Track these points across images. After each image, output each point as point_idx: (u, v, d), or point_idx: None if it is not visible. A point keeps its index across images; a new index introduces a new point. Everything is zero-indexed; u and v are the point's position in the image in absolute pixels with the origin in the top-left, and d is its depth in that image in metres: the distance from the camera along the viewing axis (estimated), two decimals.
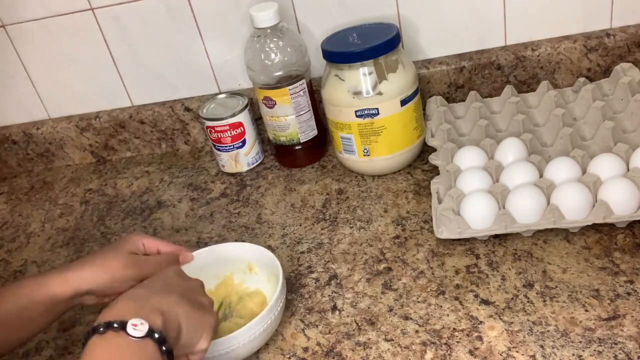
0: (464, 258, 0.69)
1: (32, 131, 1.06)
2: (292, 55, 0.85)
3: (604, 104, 0.79)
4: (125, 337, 0.47)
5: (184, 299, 0.54)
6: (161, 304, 0.52)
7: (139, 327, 0.48)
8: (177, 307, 0.53)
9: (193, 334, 0.54)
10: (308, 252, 0.76)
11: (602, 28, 0.90)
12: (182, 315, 0.53)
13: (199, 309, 0.56)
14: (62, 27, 0.97)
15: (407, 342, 0.61)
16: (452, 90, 0.94)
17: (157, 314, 0.50)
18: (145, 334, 0.47)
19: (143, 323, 0.48)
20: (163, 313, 0.51)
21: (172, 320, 0.51)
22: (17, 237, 0.94)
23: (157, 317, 0.50)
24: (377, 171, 0.86)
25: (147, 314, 0.49)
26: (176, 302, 0.53)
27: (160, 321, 0.50)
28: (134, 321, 0.48)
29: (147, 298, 0.53)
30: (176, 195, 0.94)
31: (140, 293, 0.54)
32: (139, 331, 0.47)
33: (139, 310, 0.50)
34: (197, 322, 0.54)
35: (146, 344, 0.48)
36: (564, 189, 0.68)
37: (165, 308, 0.52)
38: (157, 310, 0.51)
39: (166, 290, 0.55)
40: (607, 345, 0.56)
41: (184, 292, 0.56)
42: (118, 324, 0.48)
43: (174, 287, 0.57)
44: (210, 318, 0.56)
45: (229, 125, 0.91)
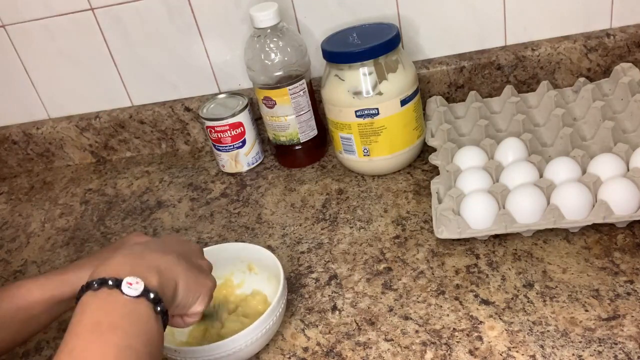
0: (464, 258, 0.69)
1: (32, 131, 1.06)
2: (292, 55, 0.85)
3: (604, 104, 0.79)
4: (120, 295, 0.46)
5: (182, 260, 0.53)
6: (159, 262, 0.51)
7: (134, 285, 0.46)
8: (175, 267, 0.52)
9: (190, 295, 0.53)
10: (308, 252, 0.76)
11: (602, 28, 0.90)
12: (180, 275, 0.52)
13: (198, 270, 0.55)
14: (62, 27, 0.97)
15: (407, 342, 0.61)
16: (452, 90, 0.94)
17: (153, 273, 0.49)
18: (140, 294, 0.46)
19: (138, 282, 0.47)
20: (160, 271, 0.49)
21: (168, 279, 0.50)
22: (17, 237, 0.94)
23: (153, 275, 0.48)
24: (377, 171, 0.86)
25: (144, 272, 0.48)
26: (174, 261, 0.52)
27: (157, 280, 0.48)
28: (129, 279, 0.46)
29: (144, 255, 0.51)
30: (176, 195, 0.94)
31: (137, 250, 0.52)
32: (134, 290, 0.46)
33: (135, 268, 0.48)
34: (194, 283, 0.53)
35: (140, 303, 0.46)
36: (564, 189, 0.68)
37: (162, 266, 0.50)
38: (154, 269, 0.49)
39: (165, 250, 0.54)
40: (607, 345, 0.56)
41: (182, 253, 0.55)
42: (113, 282, 0.46)
43: (172, 247, 0.55)
44: (208, 281, 0.55)
45: (229, 125, 0.91)
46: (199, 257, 0.58)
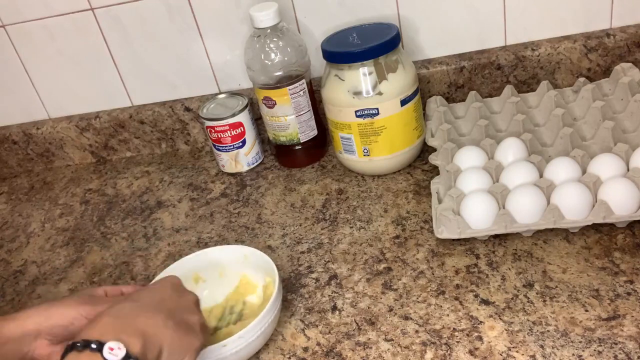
0: (464, 258, 0.69)
1: (32, 131, 1.06)
2: (292, 55, 0.85)
3: (604, 104, 0.79)
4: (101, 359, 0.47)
5: (170, 321, 0.53)
6: (145, 325, 0.51)
7: (115, 351, 0.47)
8: (162, 330, 0.52)
9: (174, 357, 0.53)
10: (308, 252, 0.76)
11: (602, 28, 0.90)
12: (165, 339, 0.52)
13: (185, 331, 0.54)
14: (62, 27, 0.97)
15: (407, 342, 0.61)
16: (452, 90, 0.94)
17: (137, 338, 0.49)
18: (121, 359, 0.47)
19: (120, 348, 0.47)
20: (145, 336, 0.50)
21: (153, 344, 0.50)
22: (17, 237, 0.94)
23: (137, 341, 0.49)
24: (377, 171, 0.86)
25: (128, 336, 0.49)
26: (162, 324, 0.52)
27: (140, 346, 0.49)
28: (112, 344, 0.47)
29: (132, 317, 0.52)
30: (176, 195, 0.94)
31: (126, 310, 0.53)
32: (114, 356, 0.47)
33: (120, 331, 0.49)
34: (180, 345, 0.53)
35: None
36: (564, 189, 0.68)
37: (149, 330, 0.51)
38: (139, 333, 0.50)
39: (154, 309, 0.54)
40: (607, 345, 0.56)
41: (173, 311, 0.55)
42: (96, 345, 0.47)
43: (164, 303, 0.55)
44: (196, 341, 0.55)
45: (229, 125, 0.91)
46: (190, 312, 0.57)
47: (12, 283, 0.84)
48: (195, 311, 0.58)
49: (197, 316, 0.58)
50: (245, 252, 0.70)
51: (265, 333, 0.62)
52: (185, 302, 0.58)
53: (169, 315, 0.54)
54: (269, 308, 0.61)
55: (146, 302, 0.55)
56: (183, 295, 0.59)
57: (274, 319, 0.63)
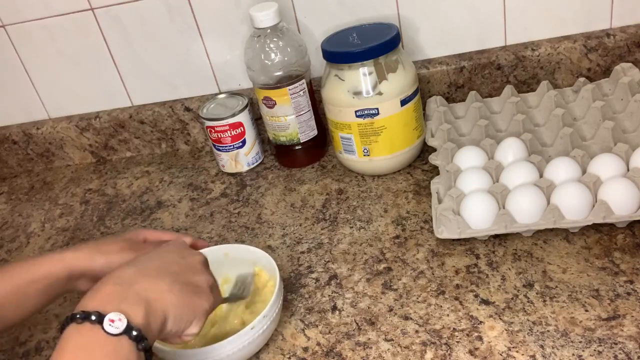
0: (464, 258, 0.69)
1: (32, 131, 1.06)
2: (292, 55, 0.85)
3: (604, 104, 0.79)
4: (101, 332, 0.46)
5: (175, 284, 0.52)
6: (148, 291, 0.50)
7: (116, 323, 0.46)
8: (166, 295, 0.51)
9: (182, 321, 0.52)
10: (308, 252, 0.76)
11: (602, 28, 0.90)
12: (170, 303, 0.51)
13: (193, 293, 0.53)
14: (62, 27, 0.97)
15: (407, 342, 0.61)
16: (452, 90, 0.94)
17: (140, 306, 0.48)
18: (122, 331, 0.46)
19: (121, 319, 0.46)
20: (148, 303, 0.49)
21: (157, 311, 0.49)
22: (17, 237, 0.94)
23: (139, 309, 0.48)
24: (377, 171, 0.86)
25: (129, 305, 0.48)
26: (166, 288, 0.51)
27: (142, 314, 0.48)
28: (112, 316, 0.46)
29: (134, 282, 0.50)
30: (176, 195, 0.94)
31: (128, 275, 0.51)
32: (115, 328, 0.46)
33: (121, 301, 0.48)
34: (187, 309, 0.52)
35: (122, 341, 0.46)
36: (564, 189, 0.68)
37: (151, 296, 0.50)
38: (142, 300, 0.49)
39: (158, 273, 0.53)
40: (607, 345, 0.56)
41: (178, 274, 0.53)
42: (96, 317, 0.46)
43: (168, 266, 0.54)
44: (204, 302, 0.54)
45: (229, 125, 0.91)
46: (198, 272, 0.56)
47: None
48: (203, 271, 0.57)
49: (204, 276, 0.56)
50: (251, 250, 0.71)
51: (265, 334, 0.62)
52: (191, 263, 0.57)
53: (173, 279, 0.53)
54: (269, 307, 0.61)
55: (149, 266, 0.54)
56: (188, 256, 0.58)
57: (274, 319, 0.63)
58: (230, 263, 0.70)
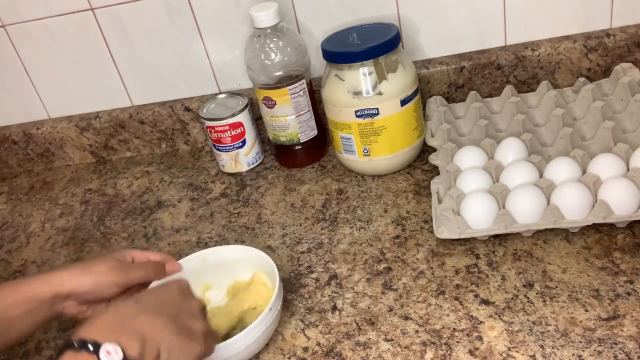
0: (464, 258, 0.69)
1: (32, 131, 1.06)
2: (292, 55, 0.85)
3: (604, 104, 0.79)
4: None
5: (172, 325, 0.53)
6: (145, 326, 0.51)
7: (111, 354, 0.47)
8: (162, 334, 0.51)
9: None
10: (308, 252, 0.76)
11: (602, 28, 0.90)
12: (165, 343, 0.51)
13: (187, 337, 0.54)
14: (62, 27, 0.97)
15: (407, 342, 0.61)
16: (452, 90, 0.94)
17: (136, 340, 0.49)
18: None
19: (117, 351, 0.47)
20: (144, 338, 0.49)
21: (151, 347, 0.50)
22: (17, 237, 0.94)
23: (135, 343, 0.48)
24: (377, 171, 0.86)
25: (126, 338, 0.48)
26: (162, 327, 0.52)
27: (137, 349, 0.48)
28: (108, 347, 0.47)
29: (132, 317, 0.51)
30: (176, 195, 0.94)
31: (127, 309, 0.52)
32: (111, 359, 0.47)
33: (118, 333, 0.49)
34: (179, 350, 0.52)
35: None
36: (564, 189, 0.68)
37: (148, 332, 0.50)
38: (138, 335, 0.49)
39: (156, 311, 0.53)
40: (607, 345, 0.56)
41: (175, 315, 0.54)
42: (92, 346, 0.47)
43: (167, 306, 0.55)
44: (196, 347, 0.54)
45: (229, 125, 0.91)
46: (195, 318, 0.56)
47: None
48: (199, 317, 0.57)
49: (200, 323, 0.57)
50: (247, 252, 0.70)
51: (265, 334, 0.62)
52: (190, 307, 0.57)
53: (171, 318, 0.53)
54: (269, 308, 0.61)
55: (149, 303, 0.55)
56: (188, 300, 0.58)
57: (274, 319, 0.63)
58: (229, 265, 0.70)
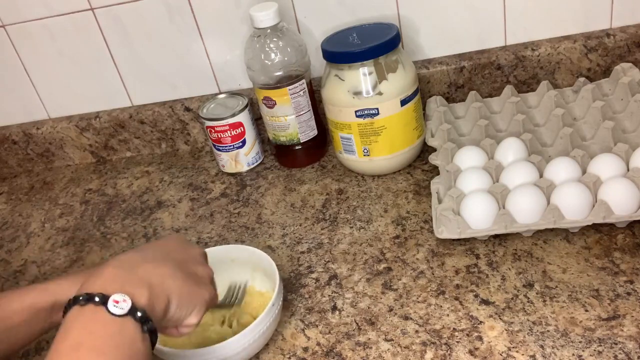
0: (464, 258, 0.69)
1: (32, 131, 1.06)
2: (292, 55, 0.85)
3: (604, 104, 0.79)
4: (105, 313, 0.45)
5: (178, 271, 0.51)
6: (151, 275, 0.49)
7: (120, 304, 0.45)
8: (169, 280, 0.50)
9: (183, 308, 0.51)
10: (308, 252, 0.76)
11: (602, 28, 0.90)
12: (173, 289, 0.50)
13: (194, 282, 0.53)
14: (62, 27, 0.97)
15: (407, 342, 0.61)
16: (452, 90, 0.94)
17: (143, 288, 0.47)
18: (126, 312, 0.45)
19: (125, 300, 0.45)
20: (151, 286, 0.48)
21: (160, 294, 0.49)
22: (17, 237, 0.94)
23: (143, 291, 0.47)
24: (377, 171, 0.86)
25: (133, 287, 0.47)
26: (169, 273, 0.51)
27: (146, 297, 0.47)
28: (116, 297, 0.45)
29: (136, 266, 0.50)
30: (176, 195, 0.94)
31: (130, 259, 0.51)
32: (120, 309, 0.45)
33: (124, 283, 0.47)
34: (189, 296, 0.51)
35: (127, 322, 0.45)
36: (564, 189, 0.68)
37: (154, 280, 0.49)
38: (145, 283, 0.48)
39: (160, 259, 0.52)
40: (607, 345, 0.56)
41: (180, 262, 0.53)
42: (99, 298, 0.45)
43: (170, 255, 0.53)
44: (205, 292, 0.53)
45: (229, 125, 0.91)
46: (199, 264, 0.56)
47: (12, 283, 0.84)
48: (203, 263, 0.56)
49: (205, 268, 0.56)
50: (245, 251, 0.70)
51: (265, 334, 0.62)
52: (193, 255, 0.56)
53: (176, 265, 0.52)
54: (269, 308, 0.61)
55: (152, 252, 0.53)
56: (189, 248, 0.57)
57: (275, 319, 0.63)
58: (228, 265, 0.70)
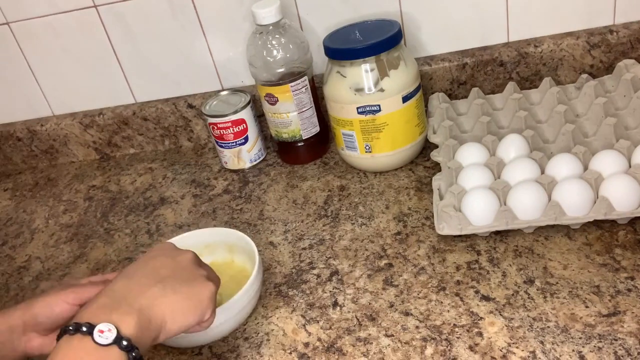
0: (464, 254, 0.70)
1: (36, 128, 1.07)
2: (294, 52, 0.86)
3: (607, 100, 0.79)
4: (91, 342, 0.47)
5: (167, 288, 0.53)
6: (140, 300, 0.51)
7: (105, 333, 0.47)
8: (159, 300, 0.52)
9: (186, 316, 0.53)
10: (310, 248, 0.76)
11: (605, 24, 0.89)
12: (165, 306, 0.52)
13: (188, 287, 0.54)
14: (65, 24, 0.98)
15: (408, 338, 0.62)
16: (454, 86, 0.94)
17: (131, 315, 0.49)
18: (111, 342, 0.47)
19: (111, 330, 0.47)
20: (140, 312, 0.50)
21: (152, 317, 0.50)
22: (21, 233, 0.95)
23: (130, 319, 0.49)
24: (379, 168, 0.86)
25: (120, 316, 0.49)
26: (159, 294, 0.52)
27: (133, 324, 0.49)
28: (102, 327, 0.47)
29: (125, 294, 0.51)
30: (179, 192, 0.94)
31: (119, 288, 0.53)
32: (105, 338, 0.47)
33: (112, 312, 0.49)
34: (187, 302, 0.53)
35: (112, 351, 0.47)
36: (566, 186, 0.68)
37: (143, 304, 0.51)
38: (134, 311, 0.50)
39: (148, 281, 0.53)
40: (607, 342, 0.56)
41: (169, 277, 0.54)
42: (86, 328, 0.47)
43: (158, 272, 0.55)
44: (204, 290, 0.55)
45: (231, 122, 0.91)
46: (190, 269, 0.57)
47: (16, 279, 0.85)
48: (194, 268, 0.57)
49: (199, 269, 0.57)
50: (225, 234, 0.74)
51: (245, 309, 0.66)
52: (182, 263, 0.57)
53: (164, 284, 0.53)
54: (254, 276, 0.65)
55: (139, 275, 0.54)
56: (177, 256, 0.58)
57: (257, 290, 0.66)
58: (205, 248, 0.73)
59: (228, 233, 0.74)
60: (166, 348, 0.67)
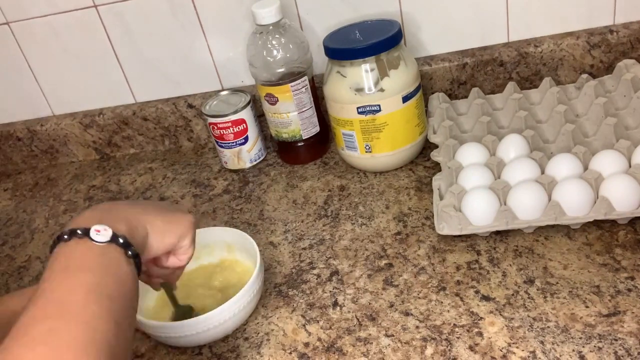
0: (465, 254, 0.70)
1: (36, 128, 1.07)
2: (294, 52, 0.86)
3: (607, 100, 0.79)
4: (89, 242, 0.47)
5: (150, 208, 0.55)
6: (126, 213, 0.52)
7: (102, 232, 0.47)
8: (143, 215, 0.54)
9: (167, 234, 0.55)
10: (310, 248, 0.76)
11: (605, 24, 0.90)
12: (148, 219, 0.53)
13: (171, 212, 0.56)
14: (65, 24, 0.98)
15: (408, 338, 0.62)
16: (454, 86, 0.94)
17: (120, 222, 0.50)
18: (109, 239, 0.47)
19: (106, 229, 0.48)
20: (128, 220, 0.51)
21: (137, 227, 0.52)
22: (21, 233, 0.95)
23: (121, 224, 0.50)
24: (379, 168, 0.86)
25: (111, 222, 0.49)
26: (142, 212, 0.54)
27: (125, 227, 0.50)
28: (97, 227, 0.48)
29: (110, 209, 0.53)
30: (179, 192, 0.94)
31: (105, 205, 0.54)
32: (102, 236, 0.47)
33: (102, 219, 0.49)
34: (168, 223, 0.55)
35: (110, 248, 0.47)
36: (566, 186, 0.68)
37: (130, 216, 0.52)
38: (122, 218, 0.51)
39: (131, 205, 0.56)
40: (607, 342, 0.56)
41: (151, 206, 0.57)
42: (81, 231, 0.47)
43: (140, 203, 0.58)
44: (184, 218, 0.57)
45: (231, 122, 0.91)
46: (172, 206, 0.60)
47: (16, 278, 0.85)
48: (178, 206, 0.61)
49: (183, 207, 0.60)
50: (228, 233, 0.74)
51: (246, 308, 0.66)
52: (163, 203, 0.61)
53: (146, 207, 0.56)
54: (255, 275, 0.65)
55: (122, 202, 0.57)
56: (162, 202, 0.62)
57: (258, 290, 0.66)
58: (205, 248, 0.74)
59: (228, 232, 0.74)
60: (166, 348, 0.67)
